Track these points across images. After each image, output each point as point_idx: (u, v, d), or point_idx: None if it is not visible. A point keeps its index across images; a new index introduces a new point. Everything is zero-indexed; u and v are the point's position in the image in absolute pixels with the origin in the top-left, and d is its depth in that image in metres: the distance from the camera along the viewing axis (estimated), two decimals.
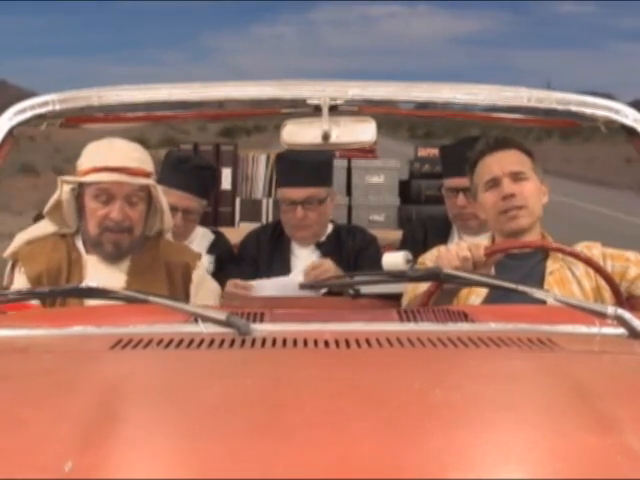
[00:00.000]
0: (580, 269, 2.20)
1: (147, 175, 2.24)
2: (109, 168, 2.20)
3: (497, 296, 2.06)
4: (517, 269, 2.21)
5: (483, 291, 2.17)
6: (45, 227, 2.28)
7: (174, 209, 2.63)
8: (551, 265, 2.24)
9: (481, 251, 2.02)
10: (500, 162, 2.25)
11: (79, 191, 2.24)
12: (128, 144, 2.27)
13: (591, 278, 2.20)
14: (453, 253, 2.01)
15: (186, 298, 2.28)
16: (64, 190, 2.24)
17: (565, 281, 2.21)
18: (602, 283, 2.15)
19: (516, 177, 2.23)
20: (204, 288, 2.35)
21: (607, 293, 2.14)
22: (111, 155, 2.21)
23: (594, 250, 2.24)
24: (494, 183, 2.25)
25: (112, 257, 2.24)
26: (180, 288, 2.30)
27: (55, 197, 2.25)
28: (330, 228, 2.93)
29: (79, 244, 2.28)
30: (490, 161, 2.27)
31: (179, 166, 2.88)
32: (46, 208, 2.27)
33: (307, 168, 2.79)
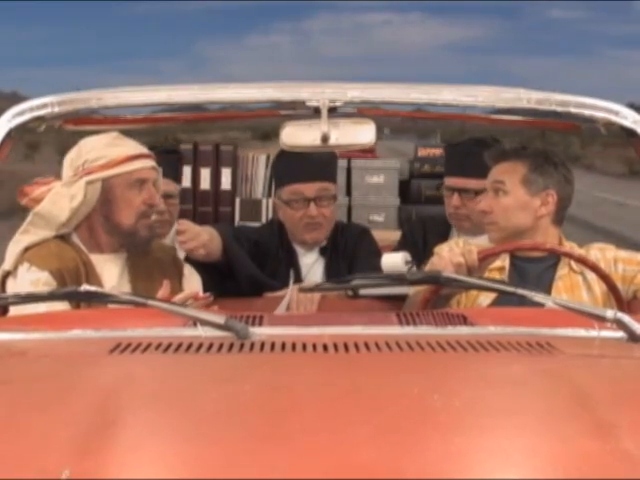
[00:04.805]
0: (592, 274, 2.20)
1: None
2: (143, 155, 2.21)
3: (505, 298, 2.07)
4: (529, 273, 2.23)
5: (492, 293, 2.17)
6: (37, 232, 2.19)
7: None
8: (561, 270, 2.25)
9: (474, 256, 2.04)
10: (490, 174, 2.34)
11: (104, 185, 2.18)
12: None
13: (602, 282, 2.20)
14: (446, 260, 2.03)
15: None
16: (89, 189, 2.17)
17: (575, 287, 2.22)
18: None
19: (495, 191, 2.30)
20: (194, 280, 2.35)
21: None
22: (131, 143, 2.21)
23: (607, 253, 2.26)
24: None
25: (145, 244, 2.23)
26: (177, 283, 2.29)
27: (78, 202, 2.17)
28: None
29: (80, 244, 2.23)
30: (490, 172, 2.35)
31: None
32: (65, 217, 2.17)
33: (315, 162, 2.67)
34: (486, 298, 2.20)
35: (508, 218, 2.27)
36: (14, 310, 1.92)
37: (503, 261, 2.27)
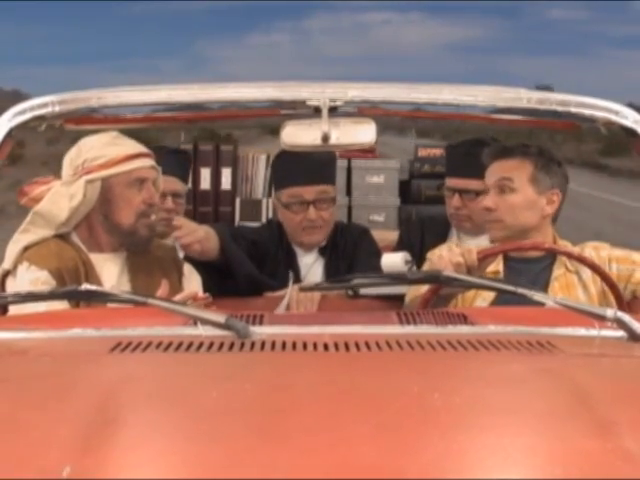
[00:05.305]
0: (587, 273, 2.20)
1: None
2: (142, 154, 2.22)
3: (504, 299, 2.07)
4: (524, 273, 2.23)
5: (490, 295, 2.17)
6: (37, 231, 2.19)
7: (162, 195, 2.62)
8: (557, 270, 2.24)
9: (474, 256, 2.04)
10: (493, 171, 2.31)
11: (104, 185, 2.18)
12: None
13: (597, 281, 2.20)
14: (446, 260, 2.03)
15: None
16: (89, 189, 2.17)
17: (571, 286, 2.22)
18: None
19: (501, 188, 2.28)
20: (194, 279, 2.36)
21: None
22: (130, 142, 2.21)
23: (601, 251, 2.25)
24: (485, 192, 2.33)
25: (144, 244, 2.23)
26: (177, 283, 2.29)
27: (77, 201, 2.17)
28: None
29: (80, 243, 2.23)
30: (490, 169, 2.32)
31: (156, 153, 2.87)
32: (64, 217, 2.17)
33: (315, 165, 2.66)
34: (483, 301, 2.20)
35: (515, 216, 2.25)
36: (14, 309, 1.92)
37: (497, 265, 2.26)
